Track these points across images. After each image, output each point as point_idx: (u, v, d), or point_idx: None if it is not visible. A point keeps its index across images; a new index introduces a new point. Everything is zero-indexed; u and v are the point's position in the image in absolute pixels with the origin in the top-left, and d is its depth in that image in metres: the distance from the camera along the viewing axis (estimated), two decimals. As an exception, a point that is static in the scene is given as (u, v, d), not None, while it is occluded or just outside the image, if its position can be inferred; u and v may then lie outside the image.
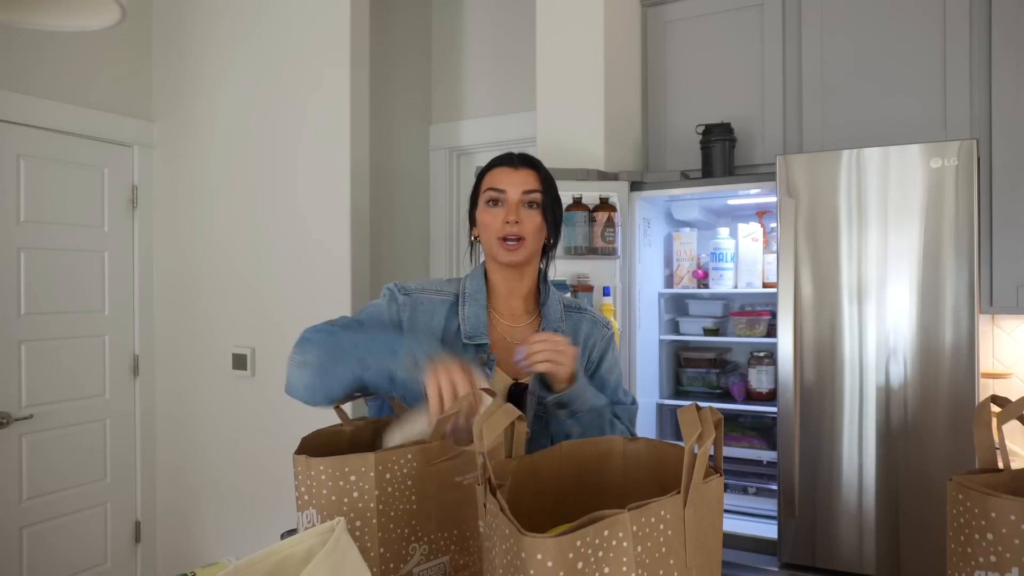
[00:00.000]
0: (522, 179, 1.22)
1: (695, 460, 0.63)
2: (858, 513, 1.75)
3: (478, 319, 1.22)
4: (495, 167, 1.25)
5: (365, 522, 0.87)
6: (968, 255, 1.65)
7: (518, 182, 1.21)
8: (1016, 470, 0.74)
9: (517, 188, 1.21)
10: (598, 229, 2.07)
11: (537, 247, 1.24)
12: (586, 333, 1.30)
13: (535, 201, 1.22)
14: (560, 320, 1.27)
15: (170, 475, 2.91)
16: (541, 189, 1.22)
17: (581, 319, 1.31)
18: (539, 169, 1.25)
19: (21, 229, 2.48)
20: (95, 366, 2.73)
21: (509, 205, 1.21)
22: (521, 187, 1.21)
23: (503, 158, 1.26)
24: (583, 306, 1.34)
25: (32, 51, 2.49)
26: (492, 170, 1.25)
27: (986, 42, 2.03)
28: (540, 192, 1.22)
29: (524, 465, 0.78)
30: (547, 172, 1.26)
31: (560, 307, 1.30)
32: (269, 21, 2.65)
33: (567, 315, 1.30)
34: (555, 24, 2.33)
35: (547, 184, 1.24)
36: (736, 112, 2.37)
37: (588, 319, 1.32)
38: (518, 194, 1.21)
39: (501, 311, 1.27)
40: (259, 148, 2.68)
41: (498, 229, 1.21)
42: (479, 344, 1.20)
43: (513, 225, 1.19)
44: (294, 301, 2.59)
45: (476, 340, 1.20)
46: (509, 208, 1.21)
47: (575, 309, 1.32)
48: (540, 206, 1.22)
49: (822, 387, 1.79)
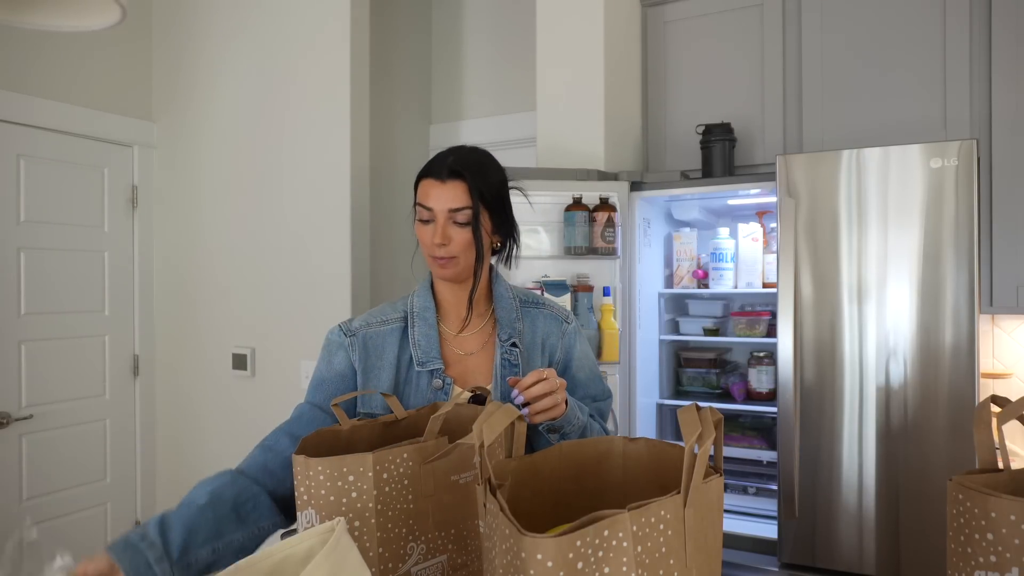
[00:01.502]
0: (449, 195, 1.13)
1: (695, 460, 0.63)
2: (858, 513, 1.75)
3: (429, 341, 1.18)
4: (425, 177, 1.17)
5: (364, 522, 0.87)
6: (968, 255, 1.65)
7: (445, 199, 1.13)
8: (1016, 470, 0.74)
9: (444, 205, 1.13)
10: (598, 229, 2.07)
11: (470, 261, 1.17)
12: (544, 332, 1.24)
13: (465, 219, 1.13)
14: (517, 319, 1.22)
15: (170, 475, 2.91)
16: (470, 204, 1.13)
17: (538, 315, 1.26)
18: (469, 178, 1.13)
19: (21, 229, 2.49)
20: (95, 366, 2.73)
21: (436, 224, 1.14)
22: (448, 204, 1.13)
23: (433, 167, 1.16)
24: (541, 300, 1.28)
25: (32, 51, 2.49)
26: (423, 181, 1.17)
27: (986, 42, 2.03)
28: (469, 208, 1.13)
29: (524, 465, 0.78)
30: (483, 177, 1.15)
31: (516, 304, 1.24)
32: (269, 21, 2.65)
33: (524, 312, 1.25)
34: (555, 24, 2.33)
35: (482, 192, 1.14)
36: (736, 112, 2.37)
37: (545, 315, 1.26)
38: (445, 212, 1.13)
39: (452, 323, 1.23)
40: (259, 148, 2.68)
41: (429, 247, 1.16)
42: (432, 369, 1.17)
43: (440, 247, 1.14)
44: (294, 301, 2.59)
45: (429, 366, 1.16)
46: (436, 227, 1.14)
47: (532, 304, 1.27)
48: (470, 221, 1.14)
49: (822, 387, 1.79)
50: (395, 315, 1.22)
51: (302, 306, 2.58)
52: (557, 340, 1.25)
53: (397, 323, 1.21)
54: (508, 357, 1.20)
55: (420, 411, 1.09)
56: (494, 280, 1.25)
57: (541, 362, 1.24)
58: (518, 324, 1.22)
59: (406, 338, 1.20)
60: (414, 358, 1.17)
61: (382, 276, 2.92)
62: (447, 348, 1.21)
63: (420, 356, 1.17)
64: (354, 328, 1.21)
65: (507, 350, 1.20)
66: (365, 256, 2.57)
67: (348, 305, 2.48)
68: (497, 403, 0.72)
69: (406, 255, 3.10)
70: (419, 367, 1.17)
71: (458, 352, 1.21)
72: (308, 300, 2.56)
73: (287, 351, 2.61)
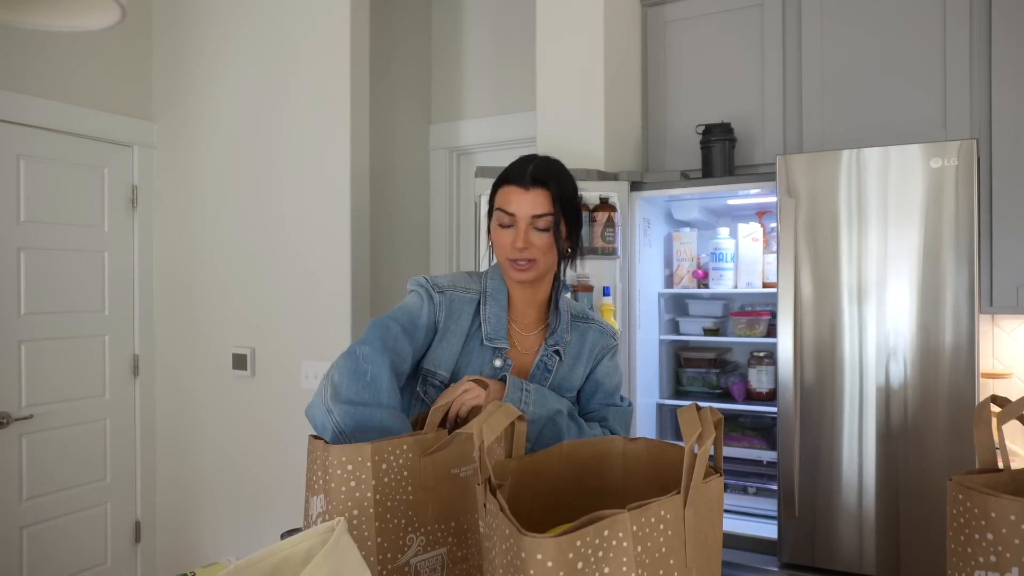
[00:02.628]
0: (532, 201, 1.18)
1: (695, 460, 0.63)
2: (858, 513, 1.75)
3: (499, 320, 1.24)
4: (506, 184, 1.21)
5: (362, 511, 0.88)
6: (968, 255, 1.65)
7: (528, 205, 1.18)
8: (1016, 470, 0.74)
9: (527, 212, 1.18)
10: (598, 229, 2.07)
11: (549, 264, 1.23)
12: (592, 343, 1.32)
13: (546, 224, 1.19)
14: (567, 331, 1.29)
15: (170, 475, 2.91)
16: (552, 211, 1.18)
17: (588, 329, 1.33)
18: (551, 186, 1.19)
19: (21, 229, 2.49)
20: (95, 366, 2.73)
21: (518, 229, 1.18)
22: (531, 211, 1.18)
23: (515, 174, 1.21)
24: (592, 316, 1.36)
25: (32, 51, 2.49)
26: (503, 187, 1.21)
27: (986, 42, 2.03)
28: (551, 215, 1.18)
29: (524, 465, 0.78)
30: (562, 186, 1.21)
31: (568, 317, 1.30)
32: (269, 20, 2.65)
33: (574, 325, 1.32)
34: (555, 24, 2.33)
35: (562, 200, 1.20)
36: (736, 112, 2.37)
37: (595, 329, 1.34)
38: (527, 218, 1.18)
39: (516, 318, 1.29)
40: (259, 148, 2.68)
41: (508, 251, 1.20)
42: (498, 347, 1.23)
43: (522, 251, 1.18)
44: (294, 301, 2.60)
45: (496, 343, 1.23)
46: (518, 233, 1.18)
47: (583, 319, 1.34)
48: (550, 227, 1.19)
49: (822, 387, 1.79)
50: (474, 287, 1.27)
51: (302, 306, 2.58)
52: (598, 346, 1.33)
53: (475, 294, 1.26)
54: (547, 361, 1.26)
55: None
56: (556, 290, 1.31)
57: (584, 371, 1.31)
58: (566, 335, 1.28)
59: (478, 312, 1.25)
60: (483, 331, 1.23)
61: (382, 276, 2.92)
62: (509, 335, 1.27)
63: (489, 332, 1.23)
64: (442, 286, 1.25)
65: (549, 355, 1.26)
66: (365, 256, 2.57)
67: (348, 305, 2.48)
68: (497, 403, 0.73)
69: (406, 255, 3.10)
70: (487, 342, 1.22)
71: (515, 346, 1.27)
72: (308, 300, 2.57)
73: (287, 351, 2.61)
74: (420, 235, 3.19)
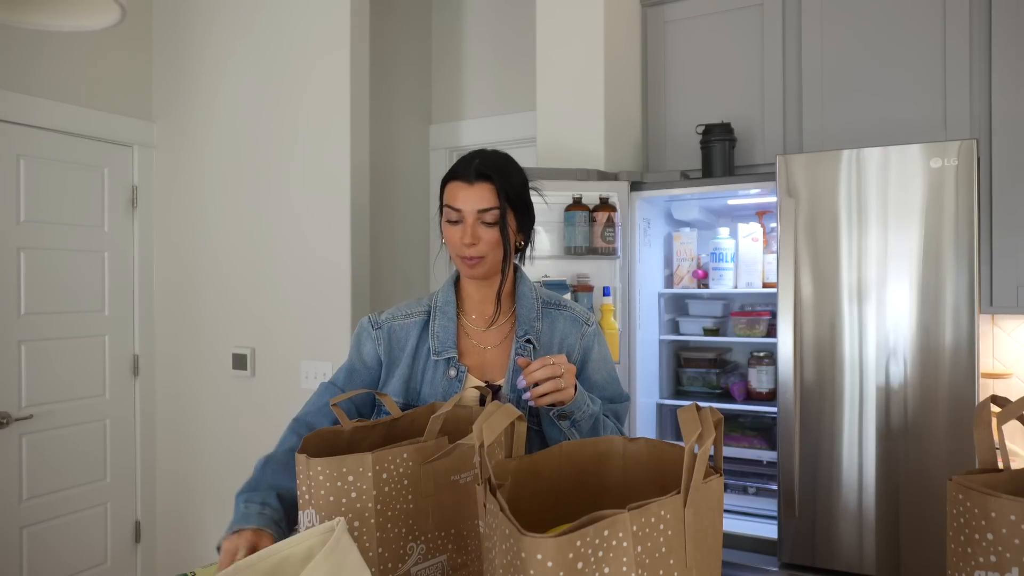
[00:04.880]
0: (477, 196, 1.17)
1: (695, 460, 0.63)
2: (858, 513, 1.75)
3: (446, 332, 1.24)
4: (452, 180, 1.21)
5: (363, 522, 0.87)
6: (968, 255, 1.65)
7: (473, 200, 1.17)
8: (1016, 470, 0.74)
9: (472, 206, 1.17)
10: (598, 229, 2.07)
11: (498, 258, 1.22)
12: (563, 333, 1.27)
13: (493, 219, 1.18)
14: (536, 319, 1.26)
15: (170, 475, 2.91)
16: (498, 204, 1.18)
17: (558, 316, 1.28)
18: (496, 180, 1.18)
19: (21, 229, 2.48)
20: (95, 366, 2.72)
21: (465, 224, 1.18)
22: (476, 206, 1.17)
23: (460, 170, 1.20)
24: (563, 302, 1.31)
25: (32, 51, 2.49)
26: (450, 183, 1.21)
27: (986, 42, 2.03)
28: (497, 208, 1.17)
29: (524, 465, 0.78)
30: (507, 179, 1.20)
31: (537, 304, 1.27)
32: (269, 21, 2.65)
33: (545, 312, 1.28)
34: (555, 24, 2.33)
35: (508, 193, 1.19)
36: (736, 112, 2.37)
37: (566, 316, 1.29)
38: (473, 213, 1.17)
39: (474, 318, 1.28)
40: (259, 148, 2.68)
41: (458, 247, 1.20)
42: (447, 358, 1.22)
43: (470, 247, 1.18)
44: (294, 301, 2.59)
45: (444, 355, 1.22)
46: (465, 228, 1.18)
47: (554, 305, 1.30)
48: (498, 221, 1.18)
49: (822, 387, 1.79)
50: (419, 309, 1.29)
51: (302, 306, 2.58)
52: (576, 341, 1.28)
53: (420, 316, 1.27)
54: (522, 353, 1.24)
55: (418, 411, 1.09)
56: (519, 279, 1.30)
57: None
58: (536, 323, 1.26)
59: (427, 331, 1.26)
60: (431, 348, 1.23)
61: (382, 276, 2.92)
62: (466, 341, 1.26)
63: (436, 346, 1.23)
64: (380, 321, 1.28)
65: (522, 346, 1.24)
66: (365, 256, 2.57)
67: (348, 305, 2.48)
68: (497, 403, 0.73)
69: (406, 255, 3.10)
70: (435, 356, 1.22)
71: (478, 346, 1.26)
72: (308, 300, 2.56)
73: (287, 351, 2.61)
74: (420, 235, 3.19)
